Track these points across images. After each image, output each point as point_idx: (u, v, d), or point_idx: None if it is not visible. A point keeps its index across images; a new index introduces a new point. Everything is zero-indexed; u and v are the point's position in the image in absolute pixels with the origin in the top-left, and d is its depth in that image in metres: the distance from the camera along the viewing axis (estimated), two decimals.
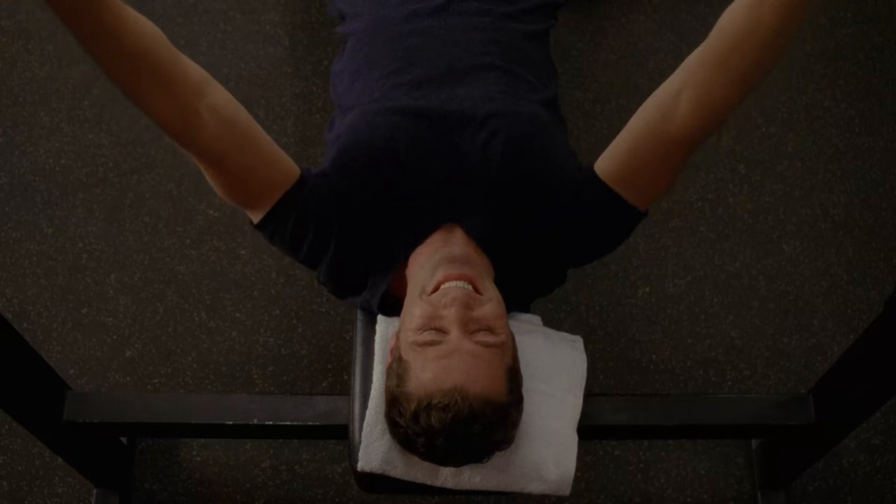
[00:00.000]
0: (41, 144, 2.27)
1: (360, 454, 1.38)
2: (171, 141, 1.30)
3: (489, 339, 1.27)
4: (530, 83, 1.53)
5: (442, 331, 1.27)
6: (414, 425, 1.26)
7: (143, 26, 1.20)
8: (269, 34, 2.39)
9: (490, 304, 1.31)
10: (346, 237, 1.43)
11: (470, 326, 1.27)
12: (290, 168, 1.40)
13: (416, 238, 1.42)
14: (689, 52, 1.30)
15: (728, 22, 1.26)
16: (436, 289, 1.32)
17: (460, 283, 1.31)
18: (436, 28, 1.57)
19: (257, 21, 2.40)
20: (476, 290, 1.33)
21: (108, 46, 1.17)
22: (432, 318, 1.28)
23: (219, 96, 1.29)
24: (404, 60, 1.52)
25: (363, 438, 1.38)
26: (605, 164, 1.41)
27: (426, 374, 1.25)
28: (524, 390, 1.34)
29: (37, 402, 1.61)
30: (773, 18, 1.22)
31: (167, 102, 1.24)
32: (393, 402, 1.30)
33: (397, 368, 1.30)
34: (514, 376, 1.30)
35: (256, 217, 1.43)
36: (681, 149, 1.34)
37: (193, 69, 1.27)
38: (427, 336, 1.27)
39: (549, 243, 1.45)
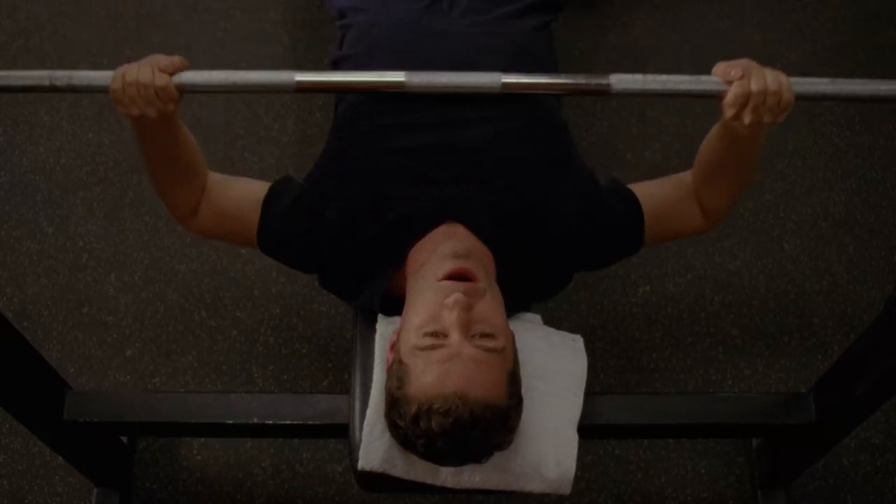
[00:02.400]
0: (41, 143, 2.27)
1: (361, 453, 1.38)
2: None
3: (490, 343, 1.27)
4: None
5: (442, 334, 1.27)
6: (414, 428, 1.26)
7: (191, 144, 1.45)
8: (269, 33, 2.39)
9: (488, 295, 1.31)
10: (345, 231, 1.43)
11: (471, 329, 1.27)
12: (257, 206, 1.48)
13: (418, 234, 1.41)
14: (691, 50, 1.33)
15: (701, 156, 1.47)
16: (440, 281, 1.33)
17: (462, 286, 1.31)
18: (439, 24, 1.57)
19: (257, 19, 2.40)
20: (475, 282, 1.33)
21: (163, 161, 1.45)
22: (434, 318, 1.28)
23: (214, 191, 1.49)
24: (406, 54, 1.53)
25: (363, 437, 1.38)
26: (639, 194, 1.50)
27: (426, 378, 1.25)
28: (524, 389, 1.34)
29: (37, 400, 1.61)
30: (733, 158, 1.43)
31: (182, 203, 1.50)
32: (393, 403, 1.30)
33: (398, 370, 1.30)
34: (513, 380, 1.30)
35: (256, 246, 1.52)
36: (685, 233, 1.56)
37: (206, 175, 1.49)
38: (428, 340, 1.27)
39: (555, 239, 1.45)
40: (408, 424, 1.27)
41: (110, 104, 1.38)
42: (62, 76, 1.36)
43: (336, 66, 1.64)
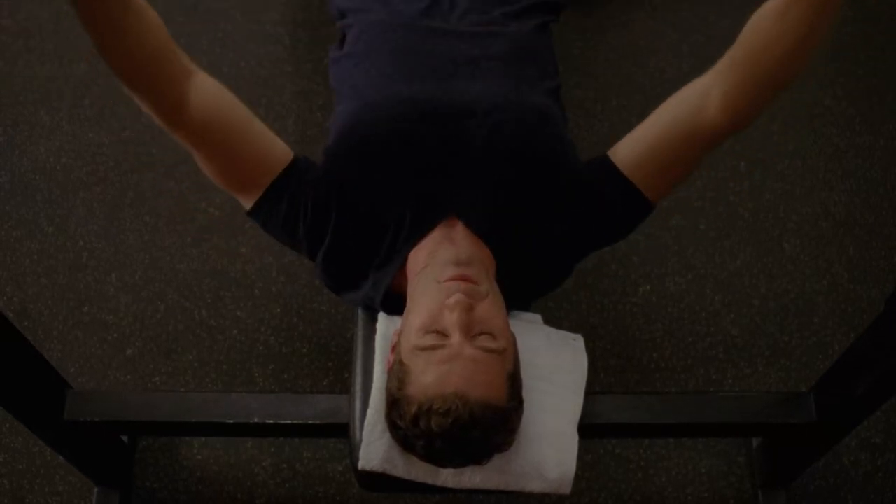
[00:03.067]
0: (42, 143, 2.27)
1: (361, 453, 1.38)
2: (166, 130, 1.36)
3: (490, 344, 1.27)
4: (533, 75, 1.53)
5: (443, 334, 1.27)
6: (413, 428, 1.26)
7: (149, 15, 1.26)
8: (269, 33, 2.39)
9: (489, 297, 1.31)
10: (344, 225, 1.42)
11: (471, 330, 1.27)
12: (282, 153, 1.42)
13: (418, 232, 1.41)
14: (691, 50, 1.32)
15: (755, 29, 1.33)
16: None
17: (463, 286, 1.31)
18: (439, 24, 1.57)
19: (258, 20, 2.40)
20: (476, 285, 1.33)
21: (114, 33, 1.24)
22: (435, 319, 1.28)
23: (206, 82, 1.35)
24: (406, 52, 1.53)
25: (364, 437, 1.38)
26: (623, 153, 1.44)
27: (427, 379, 1.25)
28: (525, 389, 1.34)
29: (37, 400, 1.61)
30: (799, 28, 1.28)
31: (158, 86, 1.30)
32: (393, 404, 1.30)
33: (398, 371, 1.30)
34: (514, 382, 1.30)
35: (249, 203, 1.44)
36: (703, 145, 1.40)
37: (184, 58, 1.33)
38: (428, 340, 1.27)
39: (554, 233, 1.44)
40: (408, 425, 1.27)
41: (111, 103, 1.38)
42: None
43: (336, 65, 1.64)
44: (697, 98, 1.38)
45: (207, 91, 1.34)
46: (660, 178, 1.44)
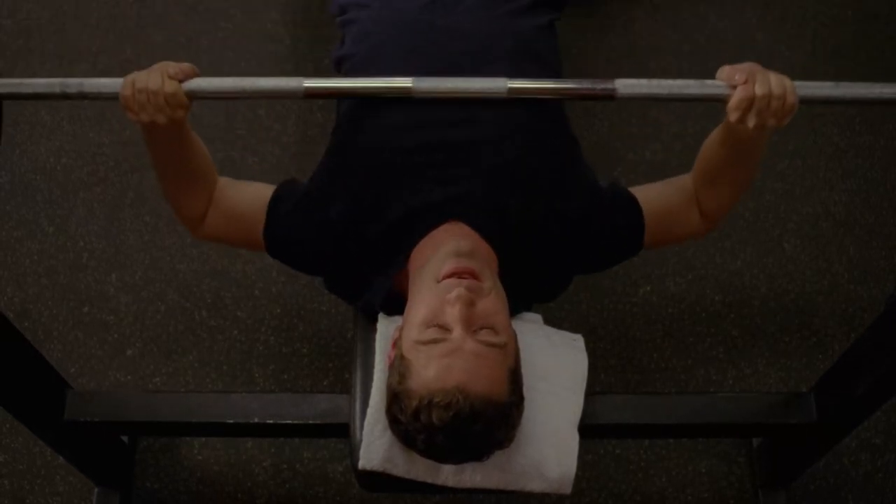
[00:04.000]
0: (42, 143, 2.27)
1: (362, 453, 1.38)
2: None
3: (492, 338, 1.27)
4: (537, 74, 1.53)
5: (445, 328, 1.27)
6: (414, 422, 1.26)
7: (201, 150, 1.47)
8: (269, 32, 2.39)
9: (492, 294, 1.31)
10: (345, 225, 1.43)
11: (473, 324, 1.27)
12: (262, 210, 1.49)
13: (421, 233, 1.41)
14: (691, 50, 1.33)
15: (703, 152, 1.48)
16: (442, 279, 1.33)
17: (465, 282, 1.31)
18: (443, 22, 1.57)
19: (258, 19, 2.40)
20: (479, 281, 1.33)
21: (173, 166, 1.47)
22: (436, 313, 1.28)
23: (222, 196, 1.51)
24: (409, 50, 1.53)
25: (364, 437, 1.38)
26: (641, 198, 1.50)
27: (428, 372, 1.25)
28: (525, 389, 1.34)
29: (38, 400, 1.61)
30: (733, 157, 1.44)
31: (192, 209, 1.51)
32: (394, 398, 1.30)
33: (399, 366, 1.30)
34: (515, 377, 1.30)
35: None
36: (684, 235, 1.58)
37: (215, 181, 1.51)
38: (430, 334, 1.27)
39: (557, 238, 1.45)
40: (408, 419, 1.27)
41: (111, 104, 1.38)
42: (73, 84, 1.36)
43: (339, 64, 1.64)
44: (689, 206, 1.52)
45: (221, 203, 1.50)
46: (660, 233, 1.52)
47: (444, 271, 1.32)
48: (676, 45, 2.39)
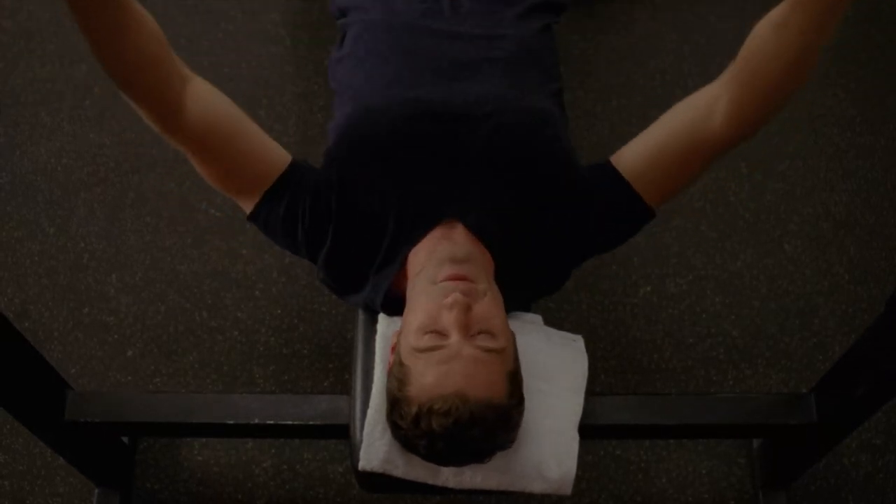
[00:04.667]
0: (43, 144, 2.27)
1: (362, 454, 1.38)
2: (163, 136, 1.37)
3: (490, 343, 1.27)
4: (535, 78, 1.53)
5: (442, 334, 1.27)
6: (415, 429, 1.26)
7: (147, 23, 1.27)
8: (270, 33, 2.39)
9: (488, 297, 1.31)
10: (343, 226, 1.42)
11: (470, 329, 1.27)
12: (279, 158, 1.43)
13: (418, 233, 1.41)
14: (691, 51, 1.33)
15: (756, 41, 1.34)
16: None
17: (461, 286, 1.31)
18: (442, 25, 1.57)
19: (258, 20, 2.40)
20: (474, 284, 1.33)
21: (112, 40, 1.24)
22: (434, 319, 1.28)
23: (203, 88, 1.36)
24: (407, 53, 1.52)
25: (364, 438, 1.38)
26: (626, 160, 1.44)
27: (427, 379, 1.25)
28: (525, 390, 1.34)
29: (38, 401, 1.61)
30: (800, 39, 1.29)
31: (154, 92, 1.31)
32: (394, 404, 1.30)
33: (398, 372, 1.30)
34: (515, 380, 1.30)
35: (248, 207, 1.44)
36: (708, 155, 1.41)
37: (182, 65, 1.34)
38: (428, 340, 1.27)
39: (554, 237, 1.44)
40: (409, 426, 1.27)
41: (112, 104, 1.38)
42: None
43: (338, 66, 1.64)
44: (703, 108, 1.38)
45: (205, 97, 1.35)
46: (662, 186, 1.44)
47: (441, 278, 1.32)
48: (676, 45, 2.39)
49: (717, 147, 1.39)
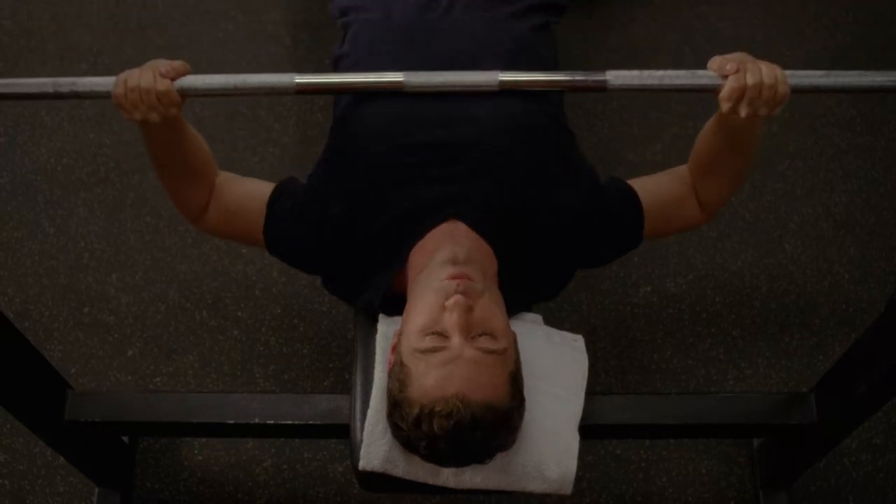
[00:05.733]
0: (43, 144, 2.27)
1: (362, 453, 1.38)
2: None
3: (491, 345, 1.27)
4: None
5: (443, 335, 1.27)
6: (416, 430, 1.26)
7: (199, 145, 1.47)
8: (270, 33, 2.39)
9: (488, 298, 1.31)
10: (345, 226, 1.43)
11: (471, 331, 1.27)
12: (264, 191, 1.50)
13: (419, 232, 1.41)
14: (692, 51, 1.34)
15: (698, 143, 1.48)
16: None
17: (462, 285, 1.31)
18: (441, 23, 1.57)
19: (259, 20, 2.41)
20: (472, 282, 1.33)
21: (171, 162, 1.46)
22: (435, 321, 1.28)
23: (220, 187, 1.51)
24: (407, 52, 1.53)
25: (364, 437, 1.38)
26: (639, 189, 1.50)
27: (428, 381, 1.25)
28: (525, 390, 1.34)
29: (38, 401, 1.61)
30: (728, 147, 1.44)
31: (192, 197, 1.51)
32: (395, 406, 1.30)
33: (399, 373, 1.30)
34: (516, 381, 1.30)
35: (263, 243, 1.52)
36: (688, 223, 1.56)
37: (215, 174, 1.52)
38: (429, 342, 1.27)
39: (556, 239, 1.45)
40: (409, 427, 1.27)
41: (112, 105, 1.38)
42: (65, 83, 1.37)
43: (337, 63, 1.64)
44: (688, 196, 1.52)
45: (222, 198, 1.50)
46: (660, 224, 1.51)
47: (441, 278, 1.32)
48: (677, 45, 2.39)
49: (688, 224, 1.56)
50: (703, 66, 1.40)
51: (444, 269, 1.33)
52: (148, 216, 2.18)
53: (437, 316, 1.28)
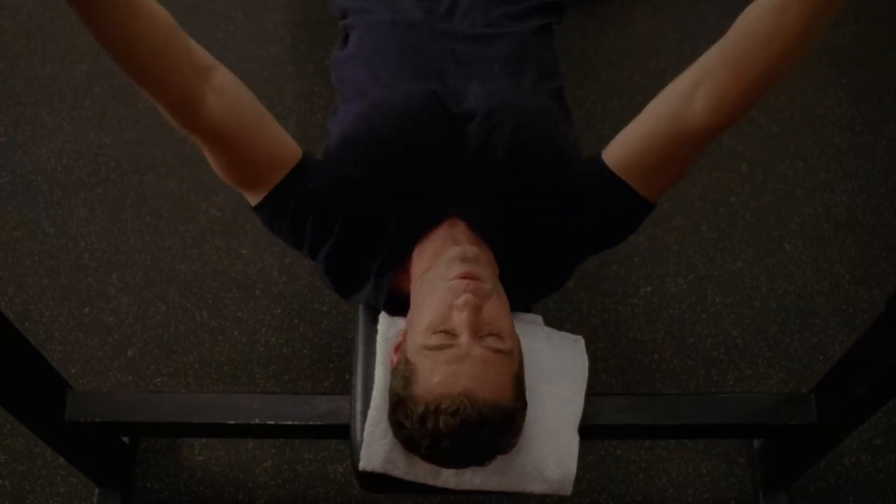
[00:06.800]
0: (43, 144, 2.27)
1: (362, 454, 1.38)
2: (175, 124, 1.33)
3: (498, 345, 1.27)
4: (535, 76, 1.53)
5: (451, 333, 1.27)
6: (420, 428, 1.26)
7: (155, 11, 1.23)
8: (270, 33, 2.39)
9: (496, 298, 1.31)
10: (348, 224, 1.42)
11: (480, 331, 1.27)
12: (291, 152, 1.41)
13: (420, 232, 1.41)
14: (692, 51, 1.32)
15: (749, 24, 1.28)
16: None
17: (471, 285, 1.30)
18: (442, 26, 1.57)
19: (259, 20, 2.41)
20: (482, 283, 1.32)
21: (119, 31, 1.20)
22: (443, 318, 1.28)
23: (224, 79, 1.32)
24: (409, 53, 1.53)
25: (365, 438, 1.38)
26: (615, 153, 1.41)
27: (435, 378, 1.25)
28: (526, 390, 1.34)
29: (38, 401, 1.61)
30: (796, 27, 1.24)
31: (167, 83, 1.26)
32: (399, 403, 1.29)
33: (404, 370, 1.29)
34: (519, 383, 1.30)
35: (256, 199, 1.42)
36: (692, 143, 1.36)
37: (200, 53, 1.30)
38: (437, 339, 1.27)
39: (555, 235, 1.44)
40: (414, 424, 1.27)
41: (113, 104, 1.38)
42: None
43: (338, 65, 1.64)
44: (681, 97, 1.33)
45: (227, 89, 1.32)
46: (653, 178, 1.40)
47: (451, 276, 1.31)
48: (677, 45, 2.39)
49: (698, 137, 1.34)
50: None
51: (453, 267, 1.33)
52: (148, 216, 2.18)
53: (445, 314, 1.28)
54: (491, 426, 1.24)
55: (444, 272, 1.33)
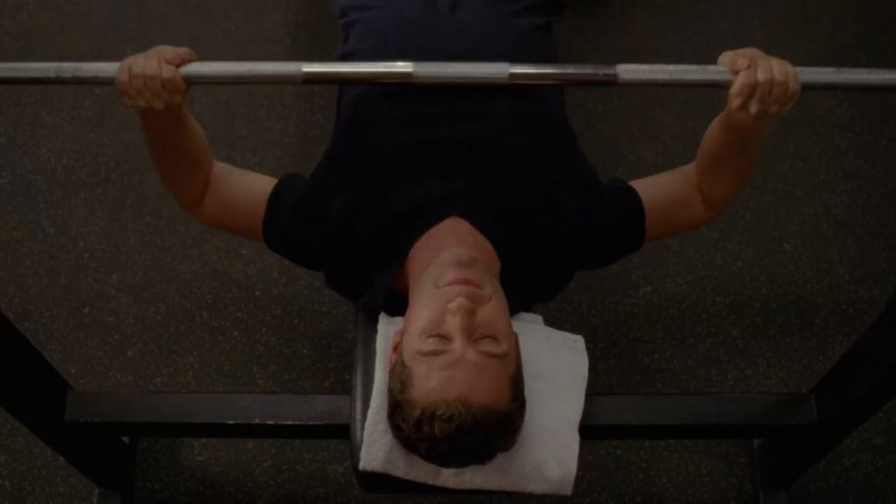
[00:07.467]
0: (43, 144, 2.27)
1: (362, 454, 1.38)
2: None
3: (493, 348, 1.27)
4: None
5: (445, 338, 1.27)
6: (417, 432, 1.26)
7: (199, 136, 1.45)
8: (270, 33, 2.39)
9: (492, 301, 1.31)
10: (348, 223, 1.42)
11: (474, 334, 1.27)
12: (266, 185, 1.48)
13: (420, 229, 1.41)
14: (692, 51, 1.34)
15: (704, 141, 1.47)
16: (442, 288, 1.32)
17: (465, 290, 1.30)
18: (444, 22, 1.58)
19: (259, 20, 2.41)
20: (479, 288, 1.32)
21: (170, 152, 1.44)
22: (437, 323, 1.28)
23: (216, 178, 1.48)
24: (410, 51, 1.53)
25: (365, 438, 1.38)
26: (639, 186, 1.49)
27: (429, 383, 1.25)
28: (526, 391, 1.33)
29: (38, 401, 1.61)
30: (737, 147, 1.43)
31: (187, 188, 1.48)
32: (396, 406, 1.29)
33: (400, 373, 1.29)
34: (517, 383, 1.30)
35: (262, 236, 1.50)
36: (688, 225, 1.56)
37: (211, 165, 1.49)
38: (431, 344, 1.26)
39: (557, 239, 1.45)
40: (410, 429, 1.27)
41: (112, 104, 1.39)
42: (68, 68, 1.35)
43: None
44: (692, 195, 1.51)
45: (219, 191, 1.48)
46: (663, 225, 1.50)
47: (445, 282, 1.31)
48: (677, 46, 2.39)
49: (694, 223, 1.54)
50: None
51: (448, 271, 1.32)
52: (148, 216, 2.18)
53: (439, 318, 1.28)
54: (487, 430, 1.24)
55: (439, 276, 1.32)
